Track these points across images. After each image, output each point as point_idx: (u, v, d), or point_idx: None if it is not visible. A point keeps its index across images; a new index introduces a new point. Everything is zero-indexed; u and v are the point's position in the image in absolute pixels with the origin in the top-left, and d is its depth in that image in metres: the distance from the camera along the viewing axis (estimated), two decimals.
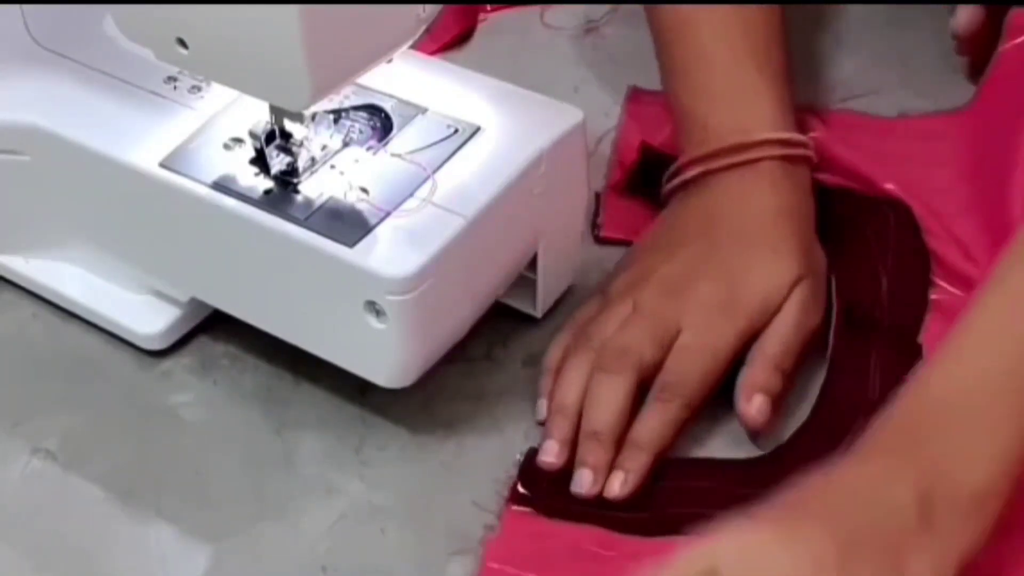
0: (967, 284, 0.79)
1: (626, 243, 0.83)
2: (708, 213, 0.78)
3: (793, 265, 0.76)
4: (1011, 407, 0.64)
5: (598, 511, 0.72)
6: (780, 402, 0.74)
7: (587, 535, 0.71)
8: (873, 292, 0.79)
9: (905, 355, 0.76)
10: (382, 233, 0.71)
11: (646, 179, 0.86)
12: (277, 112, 0.73)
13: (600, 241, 0.85)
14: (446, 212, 0.71)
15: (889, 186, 0.84)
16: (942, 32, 0.92)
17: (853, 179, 0.85)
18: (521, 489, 0.73)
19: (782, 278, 0.75)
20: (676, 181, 0.80)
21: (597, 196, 0.86)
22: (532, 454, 0.75)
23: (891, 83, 0.93)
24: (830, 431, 0.73)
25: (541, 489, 0.73)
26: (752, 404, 0.73)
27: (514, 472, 0.74)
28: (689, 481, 0.73)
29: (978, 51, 0.91)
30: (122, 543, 0.73)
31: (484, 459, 0.75)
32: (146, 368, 0.81)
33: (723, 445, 0.75)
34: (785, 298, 0.75)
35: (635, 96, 0.92)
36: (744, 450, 0.74)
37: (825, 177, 0.84)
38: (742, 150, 0.78)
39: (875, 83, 0.93)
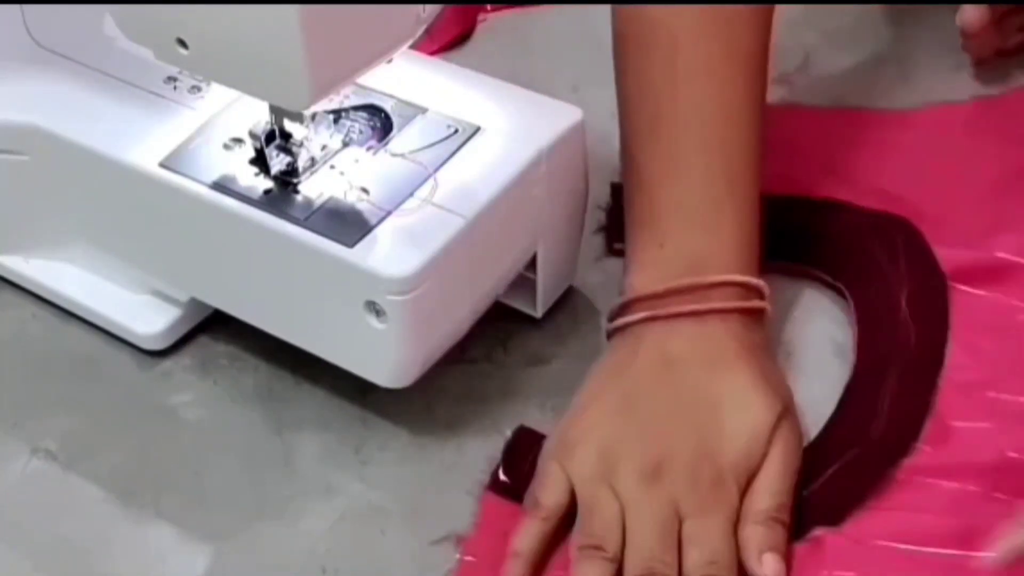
0: (985, 278, 0.79)
1: None
2: (663, 362, 0.73)
3: (768, 407, 0.71)
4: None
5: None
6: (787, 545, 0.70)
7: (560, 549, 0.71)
8: (892, 310, 0.77)
9: (921, 385, 0.75)
10: (382, 233, 0.71)
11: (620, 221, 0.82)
12: (277, 112, 0.73)
13: (615, 253, 0.83)
14: (446, 212, 0.71)
15: (882, 187, 0.84)
16: (941, 31, 0.93)
17: (850, 178, 0.85)
18: (503, 476, 0.74)
19: (761, 426, 0.70)
20: (621, 321, 0.75)
21: (609, 207, 0.85)
22: (519, 436, 0.75)
23: (890, 82, 0.93)
24: (823, 458, 0.72)
25: (523, 478, 0.73)
26: (765, 565, 0.67)
27: (499, 455, 0.74)
28: None
29: (984, 48, 0.91)
30: (122, 543, 0.73)
31: (484, 460, 0.75)
32: (146, 368, 0.81)
33: None
34: (768, 442, 0.70)
35: None
36: None
37: (815, 189, 0.84)
38: (696, 292, 0.73)
39: (874, 82, 0.93)
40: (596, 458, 0.70)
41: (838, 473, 0.71)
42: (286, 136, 0.74)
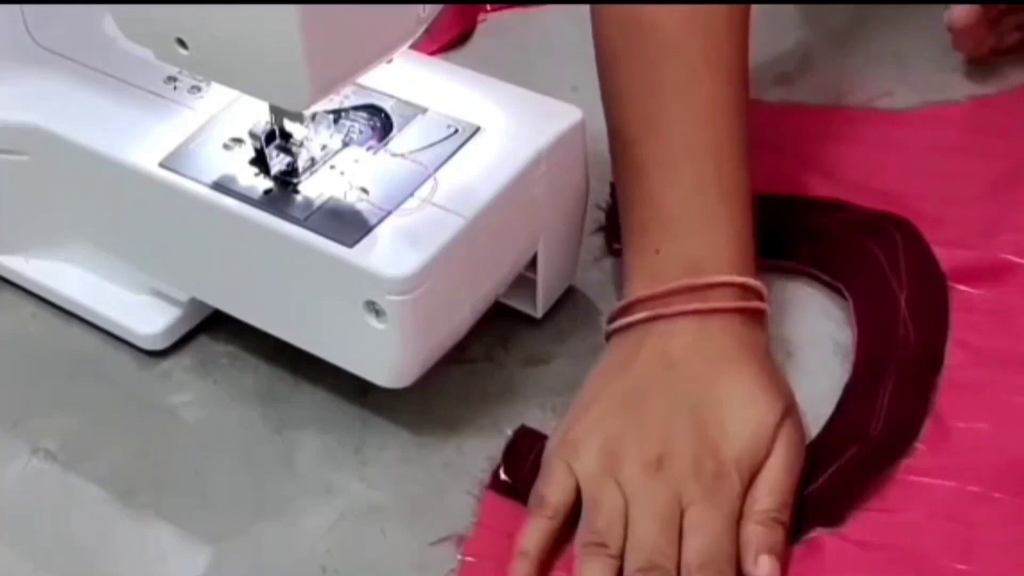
0: (985, 278, 0.79)
1: None
2: (665, 361, 0.73)
3: (772, 406, 0.71)
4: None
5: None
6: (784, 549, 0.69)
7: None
8: (892, 310, 0.78)
9: (920, 384, 0.75)
10: (382, 233, 0.71)
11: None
12: (277, 112, 0.73)
13: (615, 253, 0.84)
14: (446, 212, 0.71)
15: (882, 186, 0.84)
16: (940, 31, 0.93)
17: (849, 179, 0.85)
18: (503, 476, 0.74)
19: (764, 424, 0.70)
20: (622, 322, 0.75)
21: (609, 207, 0.86)
22: (519, 436, 0.75)
23: (889, 82, 0.93)
24: (823, 458, 0.72)
25: (524, 477, 0.73)
26: (760, 566, 0.67)
27: (499, 455, 0.74)
28: None
29: (973, 47, 0.91)
30: (122, 543, 0.73)
31: (484, 459, 0.75)
32: (146, 368, 0.81)
33: None
34: (772, 440, 0.70)
35: None
36: None
37: (816, 189, 0.85)
38: (696, 292, 0.73)
39: (873, 82, 0.93)
40: (600, 454, 0.71)
41: (837, 473, 0.71)
42: (286, 136, 0.74)
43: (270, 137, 0.74)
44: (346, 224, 0.71)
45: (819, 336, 0.79)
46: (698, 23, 0.77)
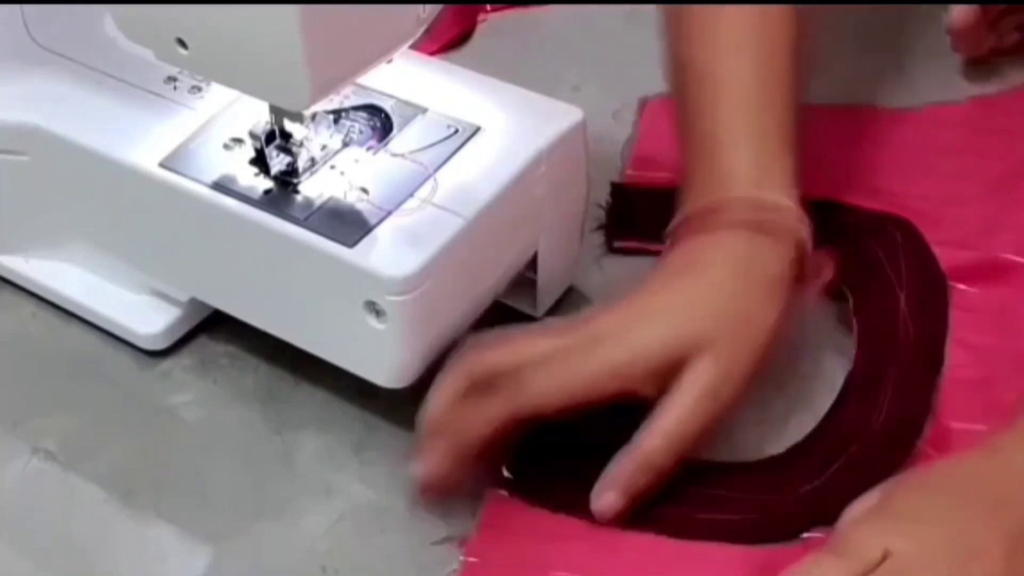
0: (985, 278, 0.79)
1: (637, 253, 0.83)
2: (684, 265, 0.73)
3: (684, 329, 0.69)
4: None
5: (581, 497, 0.71)
6: (653, 491, 0.68)
7: (563, 550, 0.70)
8: (892, 309, 0.78)
9: (921, 383, 0.75)
10: (382, 233, 0.71)
11: (620, 221, 0.84)
12: (277, 112, 0.73)
13: (615, 252, 0.84)
14: (446, 212, 0.71)
15: (882, 186, 0.84)
16: (941, 31, 0.93)
17: (849, 178, 0.85)
18: (505, 472, 0.73)
19: (666, 344, 0.68)
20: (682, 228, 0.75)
21: (609, 206, 0.86)
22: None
23: (890, 82, 0.93)
24: (824, 454, 0.72)
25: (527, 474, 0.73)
26: (600, 501, 0.68)
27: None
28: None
29: (973, 47, 0.91)
30: (122, 543, 0.73)
31: None
32: (146, 368, 0.81)
33: None
34: (679, 369, 0.68)
35: (649, 107, 0.92)
36: (723, 455, 0.74)
37: (816, 188, 0.85)
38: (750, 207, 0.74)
39: (874, 82, 0.93)
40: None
41: (837, 472, 0.71)
42: (286, 136, 0.74)
43: (270, 137, 0.74)
44: (346, 224, 0.71)
45: (819, 336, 0.79)
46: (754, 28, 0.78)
